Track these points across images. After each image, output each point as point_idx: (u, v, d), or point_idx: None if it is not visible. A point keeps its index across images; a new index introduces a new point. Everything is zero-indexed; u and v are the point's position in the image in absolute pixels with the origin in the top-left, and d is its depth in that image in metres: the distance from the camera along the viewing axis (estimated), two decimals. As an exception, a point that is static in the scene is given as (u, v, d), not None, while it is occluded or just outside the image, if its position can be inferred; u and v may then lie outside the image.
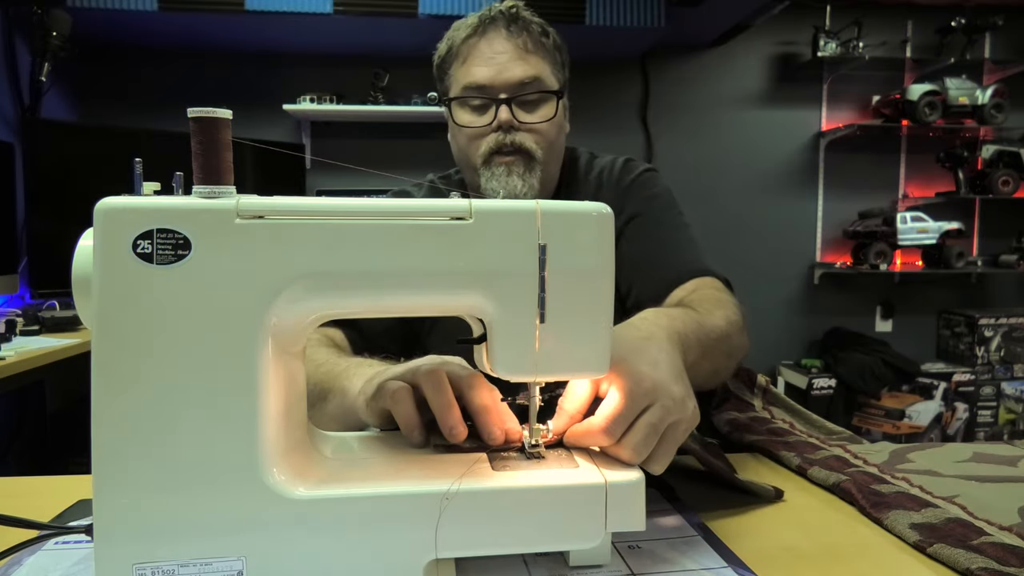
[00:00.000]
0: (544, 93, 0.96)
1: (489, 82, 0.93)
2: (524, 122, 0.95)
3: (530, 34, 0.95)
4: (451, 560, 0.53)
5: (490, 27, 0.95)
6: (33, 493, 0.73)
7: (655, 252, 0.99)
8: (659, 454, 0.55)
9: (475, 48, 0.95)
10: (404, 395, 0.59)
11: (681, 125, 3.40)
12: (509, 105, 0.94)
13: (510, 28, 0.94)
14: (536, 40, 0.95)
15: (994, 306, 3.58)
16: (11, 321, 1.95)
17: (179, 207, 0.47)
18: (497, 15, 0.95)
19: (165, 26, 2.74)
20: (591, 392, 0.58)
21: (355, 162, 2.94)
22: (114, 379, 0.47)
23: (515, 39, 0.94)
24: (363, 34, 2.88)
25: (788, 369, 3.41)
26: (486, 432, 0.57)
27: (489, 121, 0.95)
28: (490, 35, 0.94)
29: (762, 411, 0.91)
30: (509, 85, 0.93)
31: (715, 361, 0.77)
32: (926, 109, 3.19)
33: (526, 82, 0.94)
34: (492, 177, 0.96)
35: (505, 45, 0.94)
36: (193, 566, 0.47)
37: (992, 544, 0.56)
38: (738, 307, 0.87)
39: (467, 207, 0.51)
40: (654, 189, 1.06)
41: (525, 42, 0.94)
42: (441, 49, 1.00)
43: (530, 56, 0.94)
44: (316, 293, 0.50)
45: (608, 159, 1.10)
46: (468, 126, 0.97)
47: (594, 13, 2.78)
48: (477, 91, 0.94)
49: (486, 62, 0.93)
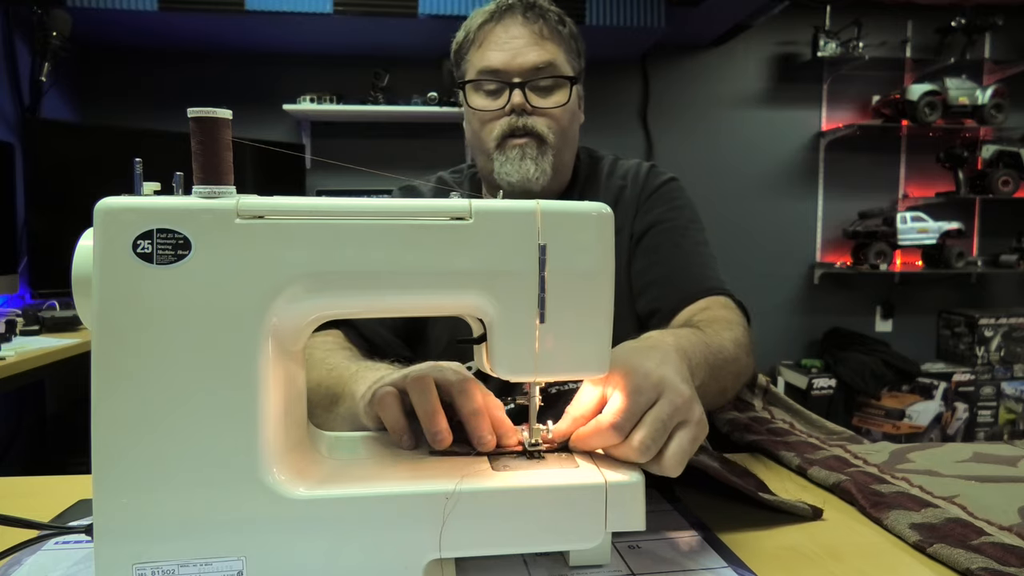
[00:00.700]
0: (558, 79, 0.96)
1: (504, 66, 0.94)
2: (537, 106, 0.95)
3: (546, 21, 0.95)
4: (451, 560, 0.53)
5: (507, 13, 0.95)
6: (33, 493, 0.73)
7: (674, 264, 0.99)
8: (669, 454, 0.53)
9: (491, 33, 0.95)
10: (391, 400, 0.60)
11: (681, 125, 3.40)
12: (523, 89, 0.94)
13: (527, 15, 0.95)
14: (552, 27, 0.96)
15: (994, 306, 3.58)
16: (11, 321, 1.95)
17: (179, 207, 0.47)
18: (515, 2, 0.96)
19: (165, 26, 2.74)
20: (599, 399, 0.58)
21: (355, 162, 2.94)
22: (114, 379, 0.47)
23: (531, 25, 0.94)
24: (363, 34, 2.88)
25: (788, 369, 3.41)
26: (476, 437, 0.57)
27: (503, 105, 0.95)
28: (506, 21, 0.95)
29: (762, 411, 0.91)
30: (523, 70, 0.94)
31: (722, 382, 0.77)
32: (926, 109, 3.19)
33: (540, 67, 0.94)
34: (506, 161, 0.96)
35: (521, 31, 0.94)
36: (193, 566, 0.47)
37: (992, 544, 0.56)
38: (746, 329, 0.88)
39: (467, 207, 0.51)
40: (680, 200, 1.06)
41: (541, 28, 0.94)
42: (459, 36, 1.01)
43: (545, 42, 0.94)
44: (316, 293, 0.50)
45: (634, 163, 1.10)
46: (482, 109, 0.97)
47: (594, 13, 2.78)
48: (491, 75, 0.95)
49: (501, 47, 0.94)
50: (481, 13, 0.97)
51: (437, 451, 0.58)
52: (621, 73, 3.35)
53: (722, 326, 0.83)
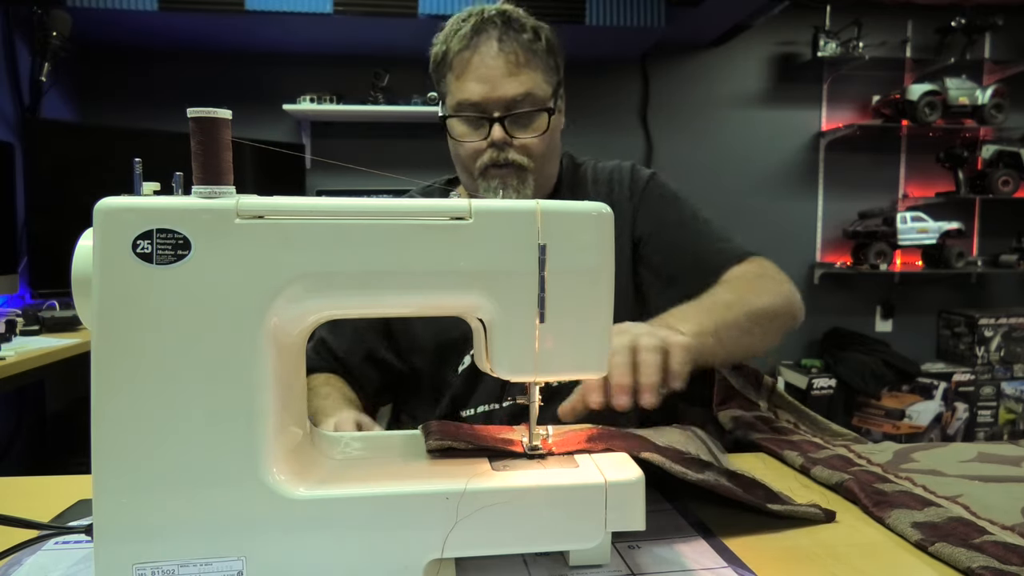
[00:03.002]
0: (537, 109, 0.97)
1: (482, 99, 0.95)
2: (517, 138, 0.97)
3: (520, 44, 0.95)
4: (451, 560, 0.53)
5: (482, 39, 0.95)
6: (33, 493, 0.73)
7: (696, 247, 1.03)
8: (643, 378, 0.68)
9: (468, 63, 0.95)
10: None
11: (681, 125, 3.40)
12: (503, 123, 0.95)
13: (501, 39, 0.94)
14: (527, 49, 0.95)
15: (994, 306, 3.58)
16: (11, 321, 1.95)
17: (179, 207, 0.47)
18: (489, 23, 0.95)
19: (165, 26, 2.74)
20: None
21: (355, 162, 2.94)
22: (114, 379, 0.46)
23: (506, 53, 0.94)
24: (363, 34, 2.88)
25: (788, 369, 3.41)
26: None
27: (484, 136, 0.97)
28: (482, 49, 0.95)
29: (767, 411, 0.91)
30: (502, 102, 0.95)
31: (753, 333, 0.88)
32: (926, 109, 3.19)
33: (518, 99, 0.95)
34: (488, 188, 1.00)
35: (496, 60, 0.94)
36: (193, 566, 0.47)
37: (994, 543, 0.55)
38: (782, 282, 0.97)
39: (467, 207, 0.51)
40: (669, 189, 1.10)
41: (516, 54, 0.94)
42: (436, 51, 1.00)
43: (522, 70, 0.95)
44: (316, 293, 0.50)
45: (613, 164, 1.13)
46: (464, 140, 0.99)
47: (594, 13, 2.78)
48: (471, 108, 0.96)
49: (479, 79, 0.94)
50: (458, 37, 0.96)
51: (437, 449, 0.58)
52: (621, 73, 3.35)
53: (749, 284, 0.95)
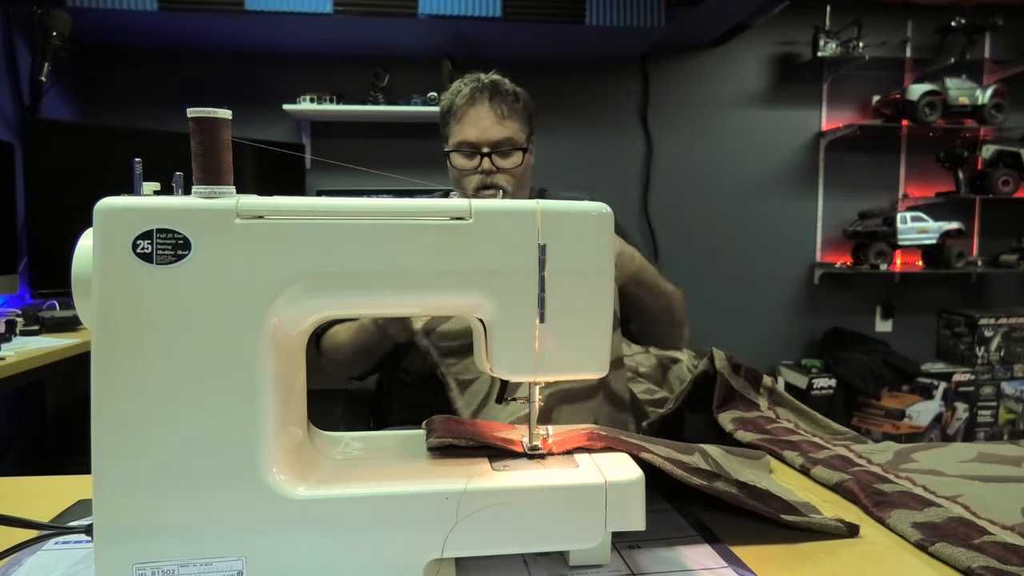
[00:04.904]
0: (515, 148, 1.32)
1: (476, 139, 1.29)
2: (500, 167, 1.31)
3: (505, 103, 1.30)
4: (451, 560, 0.53)
5: (479, 98, 1.30)
6: (33, 493, 0.73)
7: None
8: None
9: (467, 114, 1.31)
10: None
11: (681, 125, 3.40)
12: (490, 157, 1.30)
13: (492, 98, 1.30)
14: (510, 107, 1.31)
15: (994, 306, 3.58)
16: (11, 321, 1.95)
17: (179, 207, 0.47)
18: (484, 88, 1.30)
19: (165, 26, 2.74)
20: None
21: (355, 162, 2.94)
22: (114, 379, 0.47)
23: (496, 109, 1.30)
24: (363, 34, 2.88)
25: (788, 369, 3.41)
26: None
27: (476, 166, 1.30)
28: (478, 105, 1.30)
29: (767, 411, 0.91)
30: (490, 143, 1.29)
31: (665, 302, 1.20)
32: (926, 109, 3.19)
33: (502, 141, 1.30)
34: None
35: (488, 113, 1.30)
36: (193, 566, 0.47)
37: (994, 543, 0.55)
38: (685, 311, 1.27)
39: (467, 207, 0.51)
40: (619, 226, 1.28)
41: (502, 110, 1.30)
42: (443, 105, 1.36)
43: (505, 121, 1.30)
44: (316, 293, 0.50)
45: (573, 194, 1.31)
46: (461, 169, 1.32)
47: (594, 13, 2.78)
48: (468, 146, 1.30)
49: (474, 125, 1.30)
50: (460, 96, 1.31)
51: (438, 448, 0.58)
52: (621, 73, 3.35)
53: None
